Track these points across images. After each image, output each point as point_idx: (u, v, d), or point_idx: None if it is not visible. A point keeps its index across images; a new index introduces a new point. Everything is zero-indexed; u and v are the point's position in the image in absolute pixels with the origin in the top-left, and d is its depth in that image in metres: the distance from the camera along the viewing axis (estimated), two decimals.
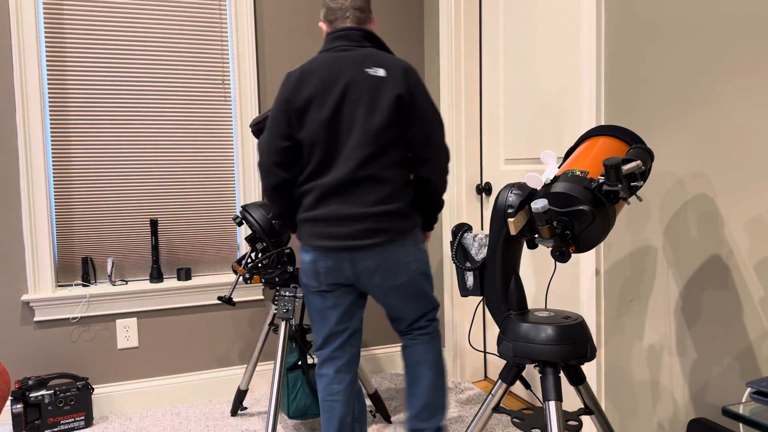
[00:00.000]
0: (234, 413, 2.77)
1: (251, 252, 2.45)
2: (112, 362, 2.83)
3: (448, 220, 3.07)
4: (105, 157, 2.82)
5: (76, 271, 2.81)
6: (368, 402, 2.90)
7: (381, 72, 1.90)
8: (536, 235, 1.52)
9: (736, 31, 1.62)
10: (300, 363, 2.51)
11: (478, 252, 1.68)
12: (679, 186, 1.81)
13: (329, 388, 2.01)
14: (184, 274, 2.91)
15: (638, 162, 1.40)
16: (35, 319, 2.69)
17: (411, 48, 3.28)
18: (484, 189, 2.96)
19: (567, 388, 2.36)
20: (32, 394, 2.54)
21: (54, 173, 2.75)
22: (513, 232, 1.51)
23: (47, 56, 2.71)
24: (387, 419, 2.67)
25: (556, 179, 1.47)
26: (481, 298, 2.11)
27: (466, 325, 3.06)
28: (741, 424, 1.52)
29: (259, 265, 2.40)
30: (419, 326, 2.08)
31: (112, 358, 2.83)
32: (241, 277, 2.41)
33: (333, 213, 1.89)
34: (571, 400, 2.32)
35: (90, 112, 2.79)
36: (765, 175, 1.57)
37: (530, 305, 2.68)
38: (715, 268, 1.71)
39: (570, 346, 1.50)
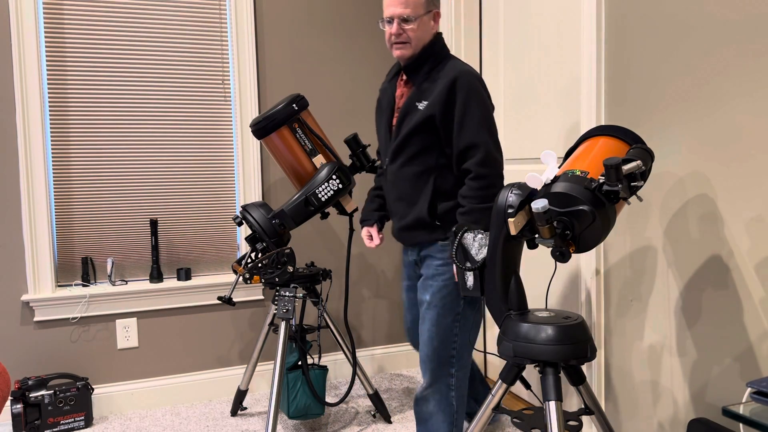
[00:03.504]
0: (234, 413, 2.77)
1: (251, 252, 2.45)
2: (112, 362, 2.83)
3: None
4: (105, 157, 2.82)
5: (76, 271, 2.81)
6: (368, 402, 2.90)
7: None
8: (536, 235, 1.52)
9: (736, 30, 1.62)
10: (300, 363, 2.51)
11: (478, 252, 1.68)
12: (679, 186, 1.81)
13: None
14: (184, 274, 2.91)
15: (638, 162, 1.40)
16: (35, 319, 2.69)
17: None
18: None
19: (567, 388, 2.36)
20: (32, 394, 2.54)
21: (54, 173, 2.75)
22: (513, 232, 1.51)
23: (47, 56, 2.70)
24: (387, 419, 2.67)
25: (556, 179, 1.47)
26: (481, 298, 2.11)
27: None
28: (741, 424, 1.52)
29: (259, 265, 2.40)
30: None
31: (111, 358, 2.83)
32: (241, 277, 2.41)
33: None
34: (571, 400, 2.32)
35: (90, 112, 2.79)
36: (765, 175, 1.57)
37: (530, 305, 2.68)
38: (715, 268, 1.71)
39: (570, 346, 1.50)
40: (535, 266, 2.63)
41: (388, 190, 2.07)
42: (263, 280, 2.44)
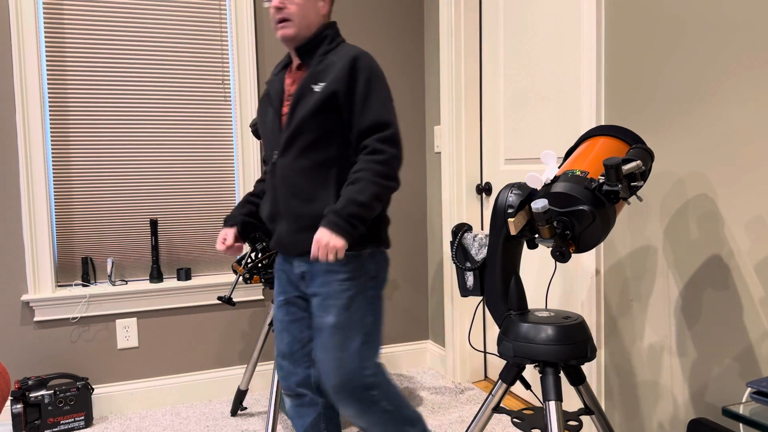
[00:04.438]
0: (234, 413, 2.77)
1: (251, 252, 2.45)
2: (112, 362, 2.83)
3: (448, 220, 3.07)
4: (105, 157, 2.82)
5: (76, 271, 2.81)
6: None
7: None
8: (536, 235, 1.52)
9: (736, 30, 1.62)
10: None
11: (478, 252, 1.68)
12: (679, 186, 1.81)
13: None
14: (184, 274, 2.91)
15: (638, 162, 1.40)
16: (35, 319, 2.69)
17: (410, 47, 3.28)
18: (484, 189, 2.96)
19: (567, 388, 2.36)
20: (32, 394, 2.54)
21: (54, 173, 2.75)
22: (513, 232, 1.51)
23: (47, 56, 2.70)
24: None
25: (556, 179, 1.47)
26: (481, 298, 2.11)
27: (466, 325, 3.06)
28: (741, 424, 1.52)
29: (259, 265, 2.40)
30: None
31: (111, 358, 2.83)
32: (241, 277, 2.41)
33: None
34: (571, 400, 2.32)
35: (90, 112, 2.79)
36: (765, 175, 1.57)
37: (530, 305, 2.68)
38: (715, 268, 1.71)
39: (570, 346, 1.50)
40: (535, 266, 2.63)
41: (278, 188, 1.76)
42: (263, 280, 2.44)
